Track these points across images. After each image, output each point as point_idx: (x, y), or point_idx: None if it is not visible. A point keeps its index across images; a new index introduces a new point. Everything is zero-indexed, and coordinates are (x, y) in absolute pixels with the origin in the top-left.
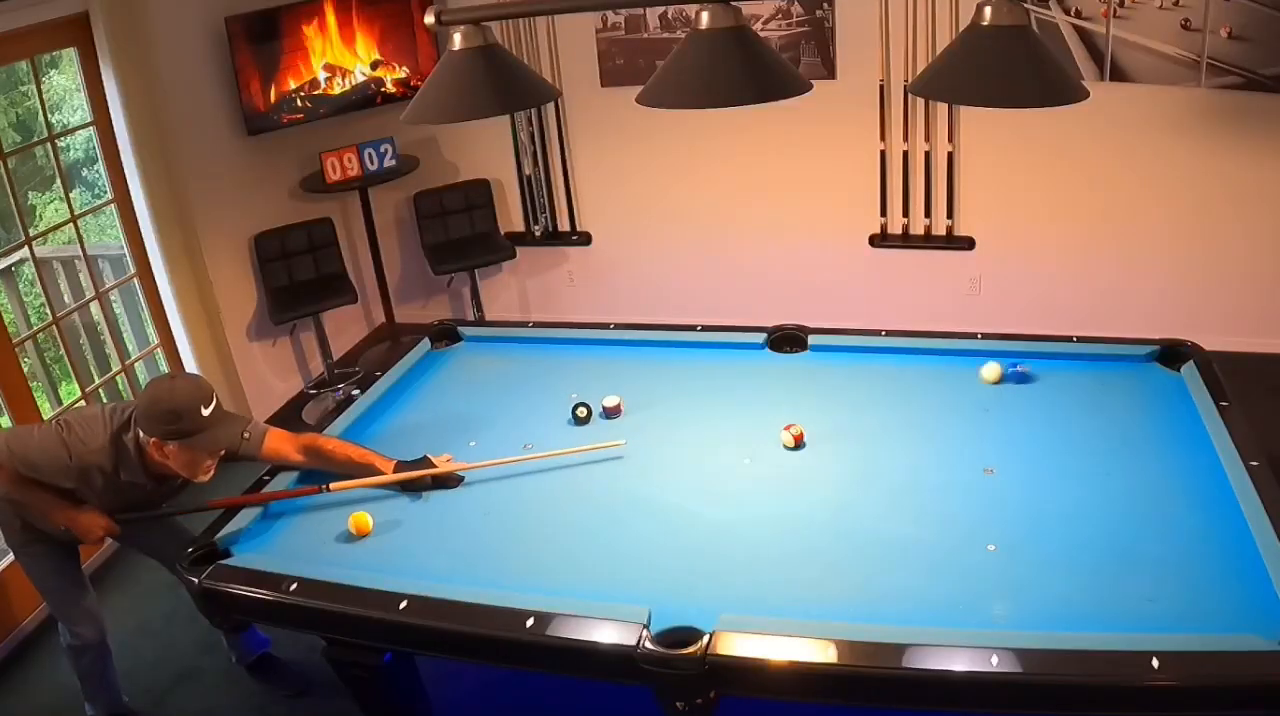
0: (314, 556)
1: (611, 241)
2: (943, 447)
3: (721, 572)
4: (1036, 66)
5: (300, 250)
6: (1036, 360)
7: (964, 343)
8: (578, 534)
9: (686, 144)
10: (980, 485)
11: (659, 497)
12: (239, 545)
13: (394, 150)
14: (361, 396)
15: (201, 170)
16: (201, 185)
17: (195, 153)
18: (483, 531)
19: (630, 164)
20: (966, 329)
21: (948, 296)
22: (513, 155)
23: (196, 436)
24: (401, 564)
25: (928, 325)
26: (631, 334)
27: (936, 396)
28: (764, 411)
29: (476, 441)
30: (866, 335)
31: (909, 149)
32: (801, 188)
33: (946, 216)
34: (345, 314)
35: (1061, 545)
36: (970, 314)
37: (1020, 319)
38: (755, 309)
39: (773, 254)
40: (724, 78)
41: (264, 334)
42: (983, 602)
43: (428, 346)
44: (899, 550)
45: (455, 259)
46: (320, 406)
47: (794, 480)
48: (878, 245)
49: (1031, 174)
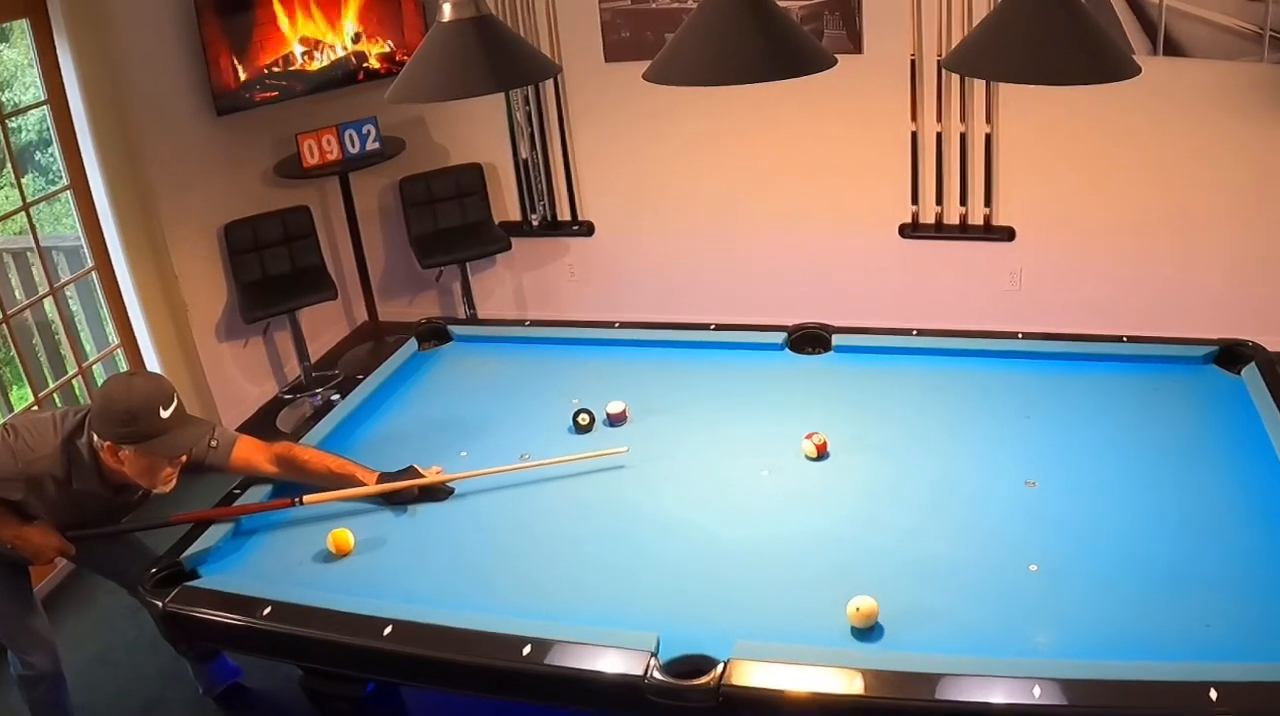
0: (289, 577)
1: (616, 232)
2: (980, 458)
3: (737, 595)
4: (1083, 39)
5: (274, 241)
6: (1083, 362)
7: (1003, 343)
8: (579, 552)
9: (699, 125)
10: (1021, 499)
11: (668, 513)
12: (207, 565)
13: (377, 132)
14: (342, 402)
15: (166, 154)
16: (166, 170)
17: (159, 135)
18: (475, 549)
19: (637, 147)
20: (1006, 328)
21: (985, 292)
22: (508, 137)
23: (154, 440)
24: (385, 585)
25: (963, 323)
26: (638, 333)
27: (973, 402)
28: (783, 418)
29: (468, 451)
30: (896, 334)
31: (943, 130)
32: (825, 173)
33: (984, 204)
34: (324, 311)
35: (1110, 565)
36: (1010, 311)
37: (1065, 316)
38: (774, 306)
39: (793, 245)
40: (740, 52)
41: (234, 333)
42: (1024, 628)
43: (414, 347)
44: (931, 570)
45: (445, 251)
46: (296, 413)
47: (816, 493)
48: (909, 236)
49: (1077, 157)
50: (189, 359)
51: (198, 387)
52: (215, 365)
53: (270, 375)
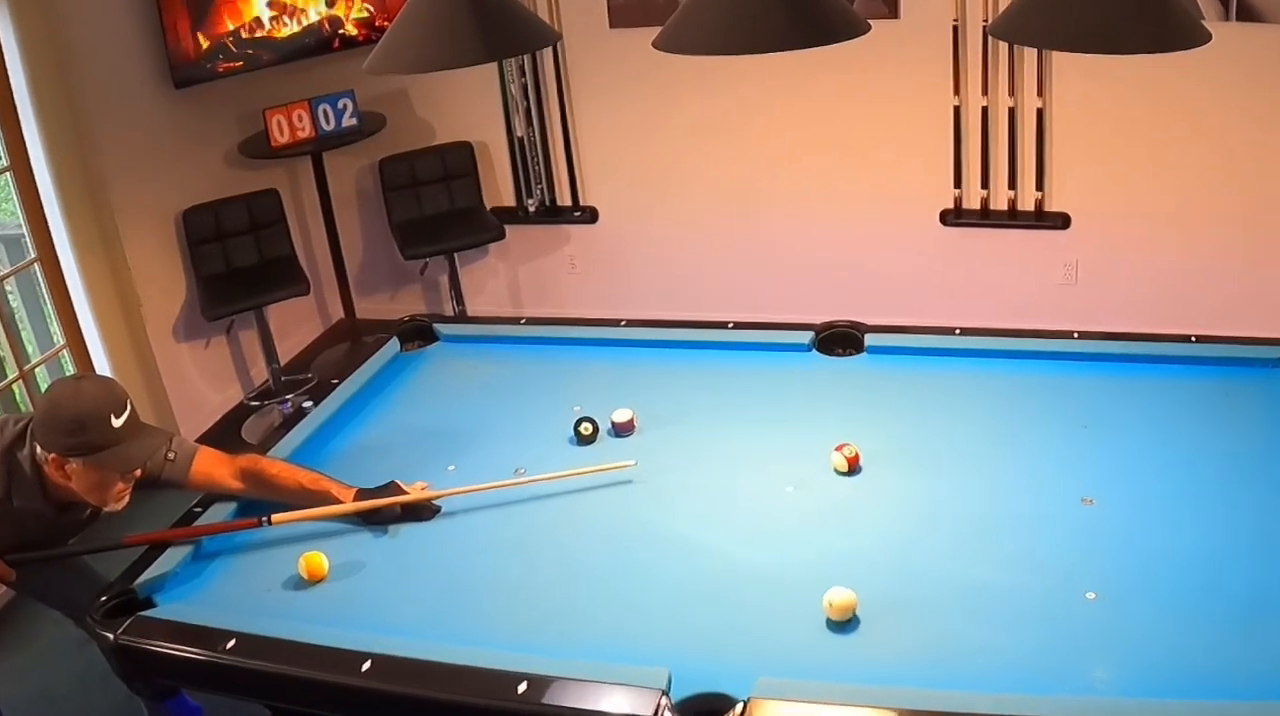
0: (256, 606)
1: (622, 218)
2: (1031, 473)
3: (758, 626)
4: (1146, 2)
5: (239, 229)
6: (1146, 364)
7: (1057, 343)
8: (581, 578)
9: (716, 99)
10: (1077, 518)
11: (681, 533)
12: (164, 592)
13: (354, 106)
14: (315, 409)
15: (118, 132)
16: (118, 150)
17: (110, 110)
18: (464, 575)
19: (646, 123)
20: (1060, 327)
21: (1037, 286)
22: (501, 113)
23: (105, 452)
24: (364, 615)
25: (1012, 322)
26: (647, 333)
27: (1023, 409)
28: (811, 428)
29: (456, 465)
30: (937, 334)
31: (989, 105)
32: (857, 153)
33: (1035, 188)
34: (295, 308)
35: (1178, 591)
36: (1065, 307)
37: (1126, 313)
38: (799, 302)
39: (821, 234)
40: (762, 17)
41: (194, 333)
42: (1080, 663)
43: (396, 348)
44: (977, 599)
45: (430, 240)
46: (264, 422)
47: (847, 512)
48: (951, 223)
49: (1140, 136)
50: (143, 361)
51: (153, 394)
52: (172, 368)
53: (234, 379)
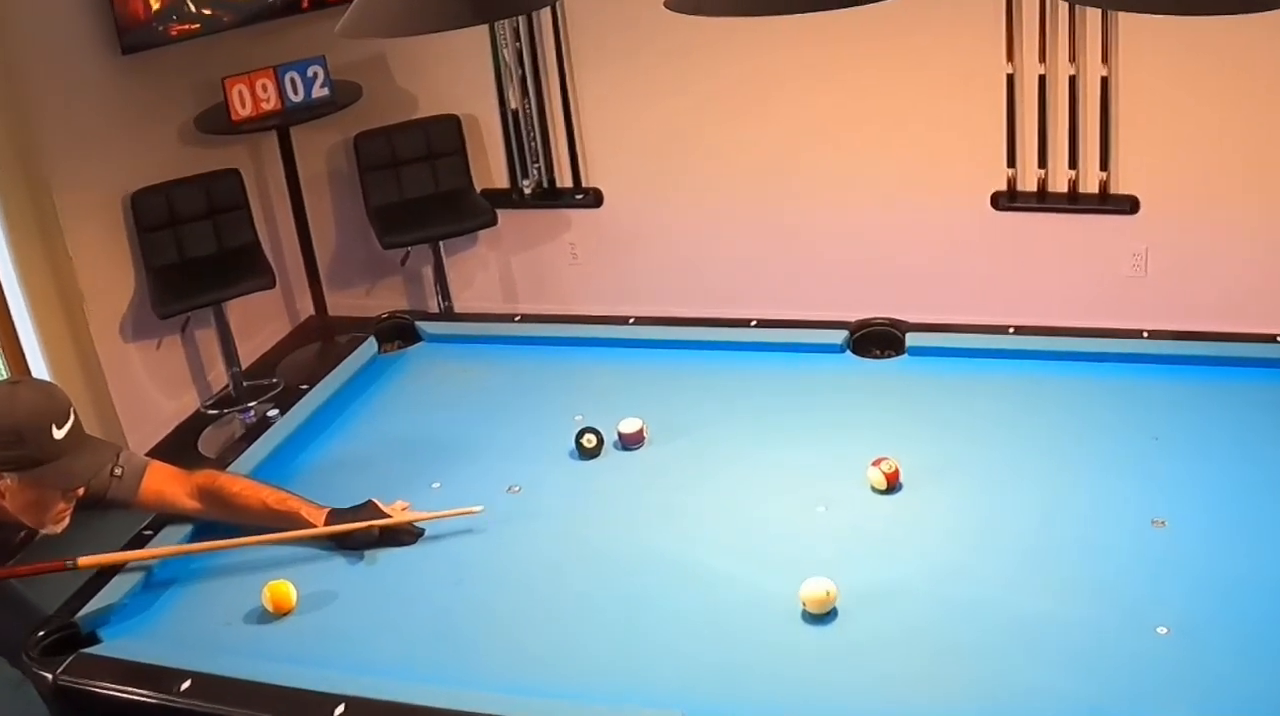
0: (215, 642)
1: (630, 202)
2: (1094, 490)
3: (782, 665)
4: None
5: (196, 215)
6: (1225, 367)
7: (1124, 343)
8: (582, 611)
9: (736, 66)
10: (1147, 542)
11: (696, 561)
12: (110, 626)
13: (326, 75)
14: (282, 419)
15: (57, 104)
16: (57, 125)
17: (49, 79)
18: (450, 607)
19: (658, 95)
20: (1127, 325)
21: (1101, 278)
22: (493, 82)
23: (44, 467)
24: (337, 652)
25: (1073, 319)
26: (658, 332)
27: (1085, 419)
28: (844, 440)
29: (441, 482)
30: (987, 333)
31: (1046, 73)
32: (897, 127)
33: (1100, 167)
34: (259, 304)
35: (1260, 626)
36: (1132, 303)
37: (1202, 310)
38: (831, 297)
39: (856, 220)
40: None
41: (145, 332)
42: (1151, 705)
43: (374, 349)
44: (1033, 634)
45: (412, 227)
46: (224, 432)
47: (886, 536)
48: (1003, 207)
49: (1219, 108)
50: (86, 364)
51: (96, 401)
52: (120, 372)
53: (190, 385)
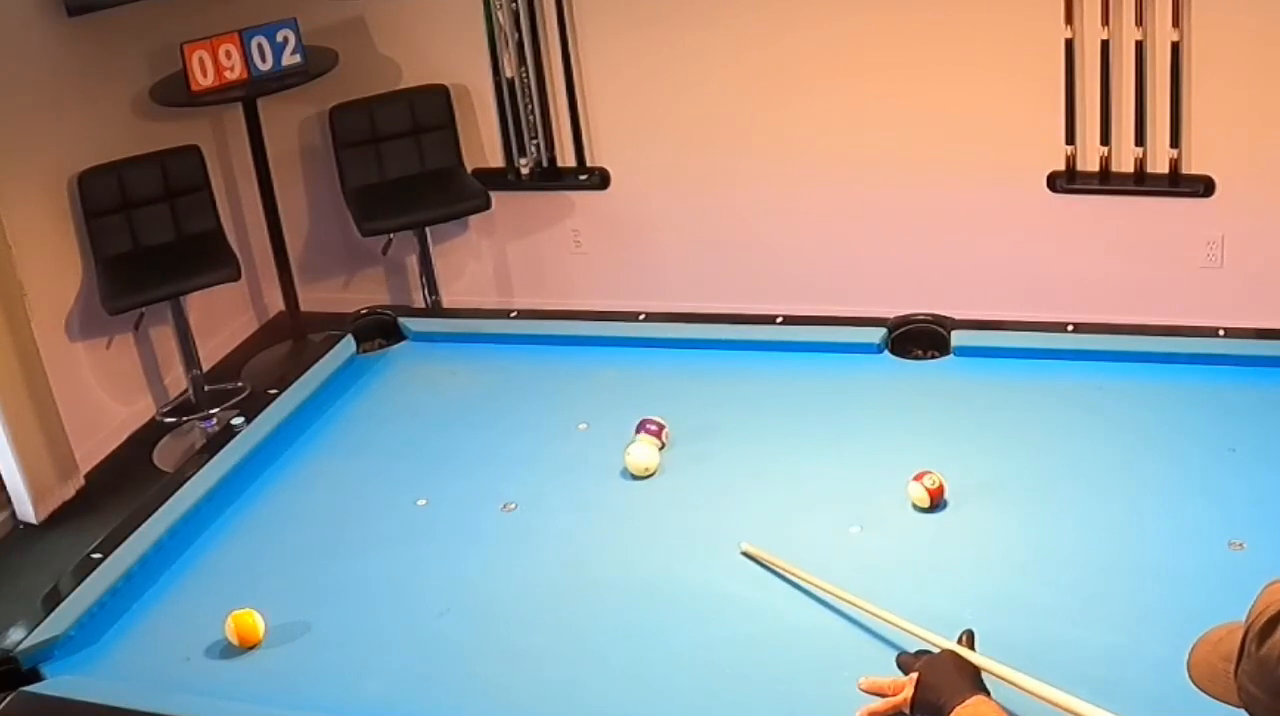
0: (172, 679)
1: (640, 184)
2: (1164, 508)
3: (812, 704)
4: None
5: (151, 197)
6: None
7: (1198, 342)
8: (585, 643)
9: (761, 31)
10: (1224, 566)
11: (712, 585)
12: (54, 660)
13: (297, 40)
14: (247, 427)
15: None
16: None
17: None
18: (434, 641)
19: (670, 62)
20: (1201, 321)
21: (1171, 269)
22: (486, 48)
23: None
24: (311, 691)
25: (1139, 315)
26: (671, 329)
27: (1154, 427)
28: (881, 450)
29: (427, 498)
30: (1043, 331)
31: (1110, 38)
32: (942, 101)
33: (1170, 145)
34: (222, 298)
35: None
36: (1207, 296)
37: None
38: (867, 290)
39: (896, 204)
40: None
41: (94, 329)
42: None
43: (352, 348)
44: (1096, 669)
45: (395, 211)
46: (182, 443)
47: (929, 560)
48: (1061, 189)
49: None
50: (27, 366)
51: (40, 408)
52: (66, 375)
53: (145, 389)
